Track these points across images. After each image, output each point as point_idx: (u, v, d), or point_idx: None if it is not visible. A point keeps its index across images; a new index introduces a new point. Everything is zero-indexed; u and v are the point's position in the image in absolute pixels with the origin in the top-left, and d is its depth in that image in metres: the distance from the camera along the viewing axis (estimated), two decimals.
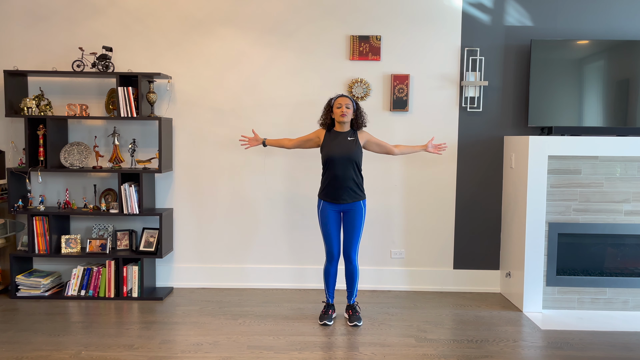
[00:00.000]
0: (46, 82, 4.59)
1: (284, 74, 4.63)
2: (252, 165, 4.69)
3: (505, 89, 4.63)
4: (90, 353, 3.38)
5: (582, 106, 4.45)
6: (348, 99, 3.85)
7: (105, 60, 4.37)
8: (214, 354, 3.39)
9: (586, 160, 4.22)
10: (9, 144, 4.63)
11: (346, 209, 3.89)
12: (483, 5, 4.57)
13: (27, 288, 4.42)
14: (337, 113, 3.83)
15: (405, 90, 4.58)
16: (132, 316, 4.09)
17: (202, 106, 4.64)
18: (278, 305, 4.34)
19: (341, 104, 3.82)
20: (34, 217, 4.40)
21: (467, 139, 4.67)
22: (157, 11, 4.57)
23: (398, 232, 4.74)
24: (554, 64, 4.41)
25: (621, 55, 4.40)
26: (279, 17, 4.58)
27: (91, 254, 4.44)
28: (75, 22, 4.56)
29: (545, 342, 3.66)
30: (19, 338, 3.60)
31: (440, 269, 4.76)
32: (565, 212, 4.25)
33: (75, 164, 4.46)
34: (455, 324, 4.00)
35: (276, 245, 4.75)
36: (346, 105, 3.82)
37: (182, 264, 4.76)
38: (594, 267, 4.36)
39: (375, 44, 4.57)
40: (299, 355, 3.39)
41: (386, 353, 3.43)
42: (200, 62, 4.61)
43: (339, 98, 3.87)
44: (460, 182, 4.70)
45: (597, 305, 4.30)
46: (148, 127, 4.64)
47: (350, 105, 3.84)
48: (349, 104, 3.83)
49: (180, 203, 4.72)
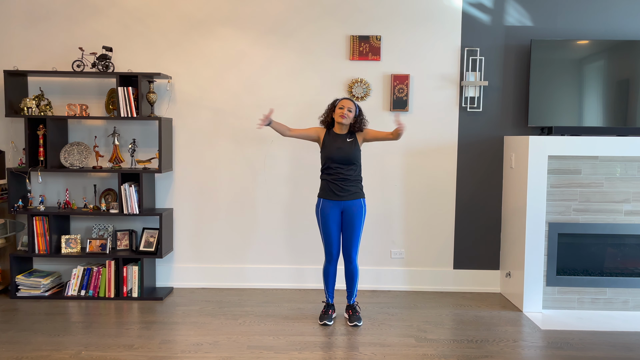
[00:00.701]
0: (46, 82, 4.59)
1: (284, 74, 4.63)
2: (252, 165, 4.69)
3: (505, 89, 4.63)
4: (90, 353, 3.38)
5: (582, 106, 4.45)
6: (352, 103, 3.86)
7: (105, 60, 4.37)
8: (214, 354, 3.39)
9: (586, 160, 4.22)
10: (9, 144, 4.63)
11: (346, 207, 3.89)
12: (483, 5, 4.57)
13: (27, 288, 4.42)
14: (338, 113, 3.84)
15: (405, 90, 4.58)
16: (132, 316, 4.09)
17: (202, 106, 4.64)
18: (278, 305, 4.34)
19: (344, 106, 3.83)
20: (34, 217, 4.40)
21: (467, 139, 4.67)
22: (157, 11, 4.57)
23: (398, 232, 4.74)
24: (554, 64, 4.41)
25: (621, 55, 4.40)
26: (279, 17, 4.58)
27: (91, 254, 4.44)
28: (75, 22, 4.56)
29: (545, 342, 3.66)
30: (19, 338, 3.60)
31: (440, 269, 4.76)
32: (565, 212, 4.25)
33: (75, 164, 4.46)
34: (455, 324, 4.00)
35: (276, 245, 4.75)
36: (348, 108, 3.83)
37: (182, 264, 4.76)
38: (594, 267, 4.36)
39: (375, 44, 4.57)
40: (299, 355, 3.39)
41: (386, 353, 3.43)
42: (200, 62, 4.61)
43: (343, 100, 3.88)
44: (460, 182, 4.70)
45: (597, 305, 4.30)
46: (148, 127, 4.64)
47: (352, 109, 3.84)
48: (351, 108, 3.84)
49: (180, 203, 4.72)
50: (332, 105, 3.94)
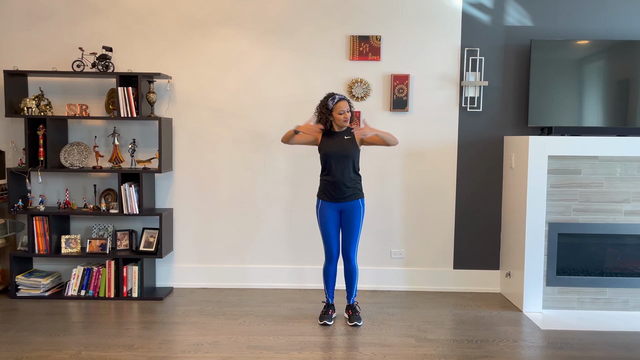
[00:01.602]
0: (46, 82, 4.59)
1: (284, 74, 4.63)
2: (252, 165, 4.69)
3: (505, 89, 4.63)
4: (90, 353, 3.38)
5: (582, 106, 4.45)
6: (347, 102, 3.85)
7: (105, 60, 4.37)
8: (214, 354, 3.39)
9: (586, 160, 4.22)
10: (9, 144, 4.63)
11: (345, 208, 3.89)
12: (483, 5, 4.57)
13: (27, 288, 4.42)
14: (340, 119, 3.82)
15: (405, 90, 4.58)
16: (132, 316, 4.09)
17: (202, 106, 4.64)
18: (278, 305, 4.34)
19: (343, 110, 3.81)
20: (34, 217, 4.40)
21: (467, 139, 4.67)
22: (157, 11, 4.57)
23: (398, 232, 4.74)
24: (554, 64, 4.42)
25: (621, 55, 4.40)
26: (279, 17, 4.58)
27: (91, 254, 4.44)
28: (75, 22, 4.56)
29: (545, 342, 3.66)
30: (19, 338, 3.60)
31: (440, 269, 4.76)
32: (565, 212, 4.25)
33: (75, 164, 4.46)
34: (455, 324, 4.00)
35: (276, 245, 4.75)
36: (347, 110, 3.83)
37: (182, 264, 4.76)
38: (594, 267, 4.36)
39: (375, 44, 4.57)
40: (299, 355, 3.39)
41: (386, 353, 3.43)
42: (200, 62, 4.61)
43: (339, 103, 3.82)
44: (460, 182, 4.70)
45: (597, 305, 4.30)
46: (148, 127, 4.64)
47: (349, 107, 3.85)
48: (349, 108, 3.84)
49: (180, 203, 4.72)
50: (326, 109, 3.84)
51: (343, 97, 3.87)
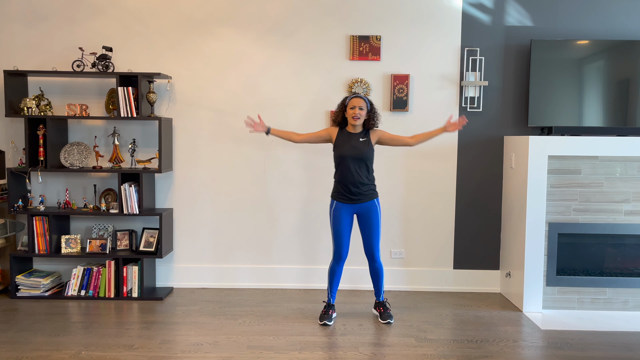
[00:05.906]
0: (46, 82, 4.59)
1: (284, 74, 4.63)
2: (252, 165, 4.69)
3: (505, 89, 4.63)
4: (90, 353, 3.38)
5: (582, 106, 4.45)
6: (362, 100, 3.83)
7: (105, 60, 4.37)
8: (214, 354, 3.39)
9: (586, 160, 4.22)
10: (9, 144, 4.63)
11: (361, 210, 3.89)
12: (483, 5, 4.57)
13: (27, 288, 4.42)
14: (350, 114, 3.82)
15: (405, 90, 4.59)
16: (132, 316, 4.09)
17: (202, 106, 4.64)
18: (278, 305, 4.34)
19: (355, 106, 3.81)
20: (34, 217, 4.40)
21: (467, 139, 4.67)
22: (157, 11, 4.57)
23: (398, 232, 4.74)
24: (553, 64, 4.42)
25: (621, 55, 4.40)
26: (279, 17, 4.58)
27: (91, 254, 4.44)
28: (75, 22, 4.56)
29: (545, 342, 3.66)
30: (19, 338, 3.60)
31: (440, 269, 4.76)
32: (565, 212, 4.25)
33: (75, 164, 4.46)
34: (455, 324, 4.00)
35: (276, 245, 4.75)
36: (360, 107, 3.81)
37: (182, 264, 4.76)
38: (594, 267, 4.36)
39: (375, 44, 4.57)
40: (299, 355, 3.39)
41: (386, 353, 3.43)
42: (200, 62, 4.61)
43: (353, 99, 3.84)
44: (460, 182, 4.70)
45: (597, 305, 4.30)
46: (148, 127, 4.64)
47: (364, 106, 3.83)
48: (362, 106, 3.82)
49: (180, 203, 4.72)
50: (342, 105, 3.90)
51: (361, 95, 3.88)
